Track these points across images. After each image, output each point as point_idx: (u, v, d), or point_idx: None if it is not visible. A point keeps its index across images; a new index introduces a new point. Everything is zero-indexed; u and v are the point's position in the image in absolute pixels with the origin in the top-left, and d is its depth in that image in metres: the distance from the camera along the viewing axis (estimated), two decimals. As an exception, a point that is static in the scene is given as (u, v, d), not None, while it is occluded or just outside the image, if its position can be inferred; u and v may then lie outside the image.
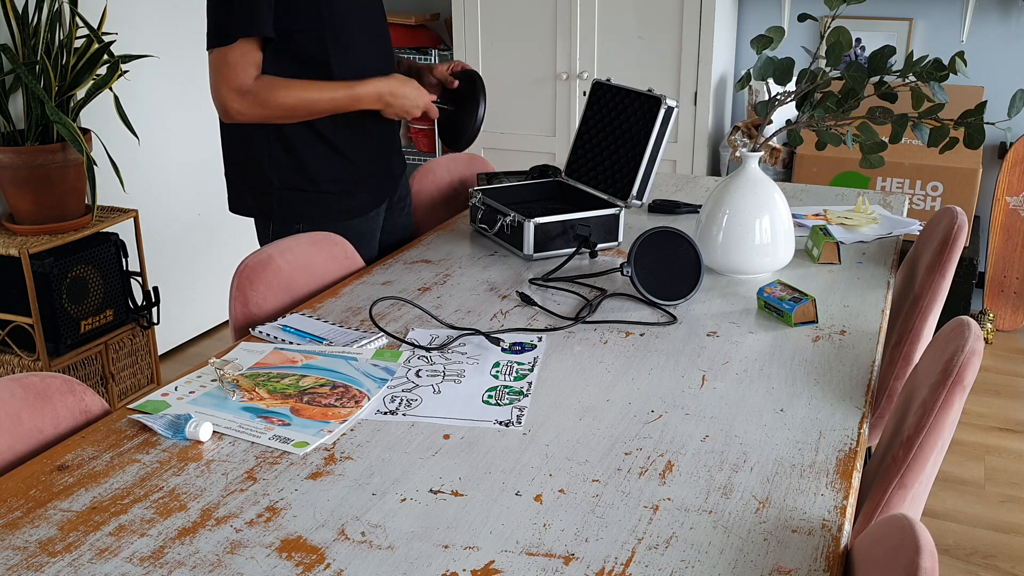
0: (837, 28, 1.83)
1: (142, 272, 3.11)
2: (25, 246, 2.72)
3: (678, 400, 1.44)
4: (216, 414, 1.40)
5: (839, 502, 1.18)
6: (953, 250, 1.83)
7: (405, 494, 1.21)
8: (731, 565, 1.07)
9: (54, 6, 2.76)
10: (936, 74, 1.75)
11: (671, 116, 2.12)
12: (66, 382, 1.41)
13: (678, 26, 3.68)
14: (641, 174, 2.15)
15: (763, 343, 1.64)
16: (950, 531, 2.54)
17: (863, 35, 3.84)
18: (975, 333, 1.34)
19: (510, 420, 1.38)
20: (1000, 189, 3.71)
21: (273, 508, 1.18)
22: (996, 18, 3.68)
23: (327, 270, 1.99)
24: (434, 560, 1.08)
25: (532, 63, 3.93)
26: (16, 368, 2.86)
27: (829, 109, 1.83)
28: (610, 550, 1.09)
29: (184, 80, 3.51)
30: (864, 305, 1.81)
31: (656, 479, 1.23)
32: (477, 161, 2.70)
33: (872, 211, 2.35)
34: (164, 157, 3.47)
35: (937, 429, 1.27)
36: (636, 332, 1.69)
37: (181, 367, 3.52)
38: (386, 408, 1.42)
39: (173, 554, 1.09)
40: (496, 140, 4.09)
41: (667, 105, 2.10)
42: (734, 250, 1.90)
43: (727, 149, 3.76)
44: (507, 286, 1.92)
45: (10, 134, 2.77)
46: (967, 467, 2.84)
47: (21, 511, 1.18)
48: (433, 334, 1.68)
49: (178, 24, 3.45)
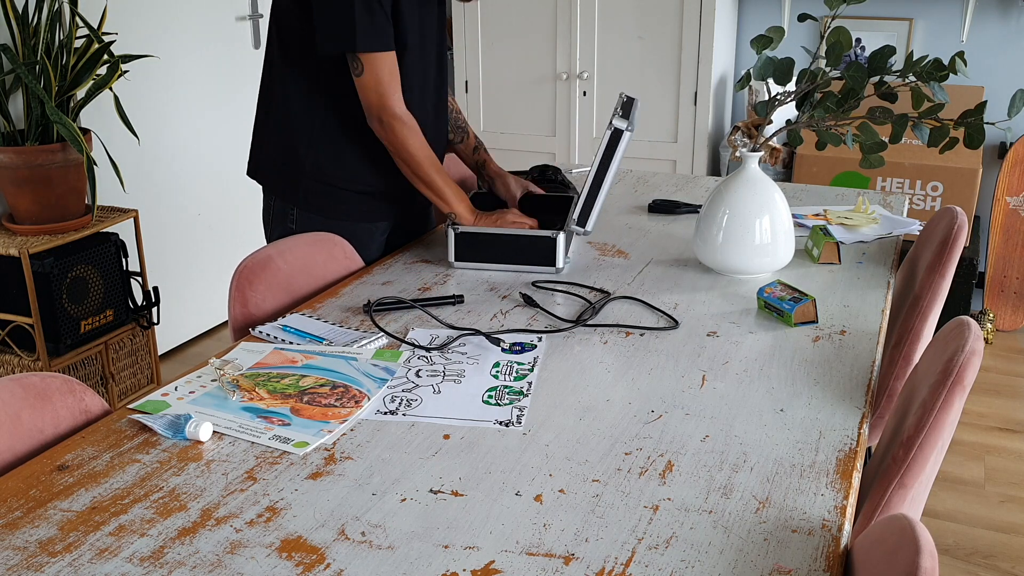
0: (837, 28, 1.83)
1: (142, 272, 3.11)
2: (25, 246, 2.72)
3: (678, 400, 1.44)
4: (216, 414, 1.40)
5: (839, 502, 1.18)
6: (953, 250, 1.82)
7: (405, 494, 1.21)
8: (731, 565, 1.07)
9: (54, 6, 2.76)
10: (936, 74, 1.75)
11: (619, 139, 1.91)
12: (66, 382, 1.41)
13: (678, 26, 3.68)
14: (583, 201, 1.98)
15: (763, 343, 1.64)
16: (950, 531, 2.54)
17: (863, 35, 3.84)
18: (975, 333, 1.34)
19: (510, 420, 1.38)
20: (1000, 189, 3.71)
21: (273, 508, 1.18)
22: (996, 18, 3.68)
23: (327, 270, 1.99)
24: (434, 560, 1.08)
25: (532, 63, 3.93)
26: (16, 368, 2.86)
27: (829, 109, 1.83)
28: (610, 550, 1.09)
29: (184, 80, 3.51)
30: (864, 305, 1.81)
31: (656, 479, 1.23)
32: (477, 161, 2.70)
33: (872, 211, 2.35)
34: (164, 157, 3.47)
35: (937, 429, 1.27)
36: (636, 332, 1.69)
37: (181, 367, 3.52)
38: (386, 408, 1.42)
39: (173, 554, 1.09)
40: (496, 140, 4.09)
41: (613, 126, 1.91)
42: (734, 250, 1.90)
43: (727, 149, 3.76)
44: (507, 286, 1.92)
45: (10, 134, 2.77)
46: (967, 467, 2.84)
47: (21, 511, 1.18)
48: (433, 334, 1.68)
49: (178, 24, 3.45)
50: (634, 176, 2.77)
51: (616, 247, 2.16)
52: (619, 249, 2.15)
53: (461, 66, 4.04)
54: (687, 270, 2.00)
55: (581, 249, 2.14)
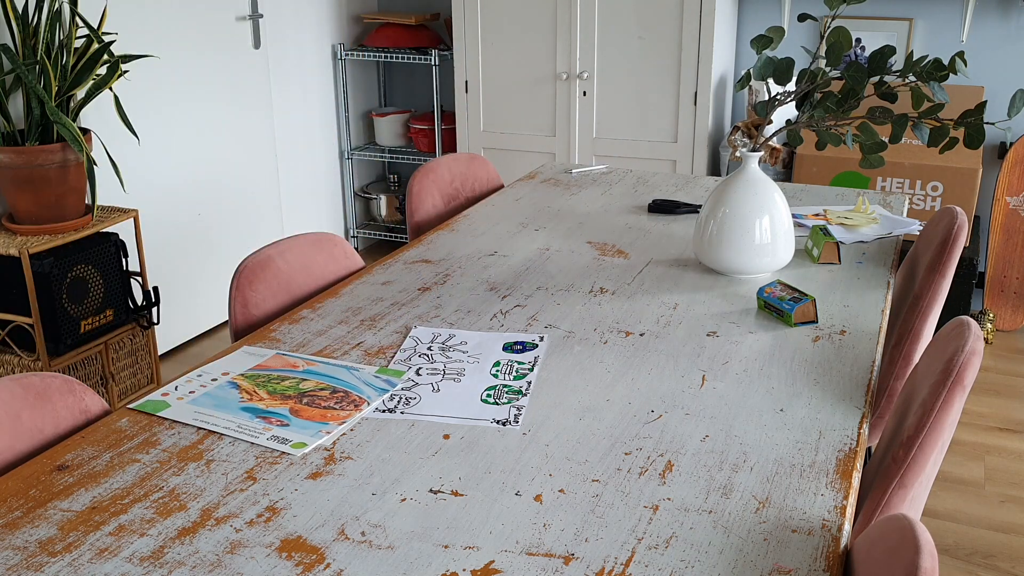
0: (837, 28, 1.83)
1: (142, 272, 3.11)
2: (25, 246, 2.72)
3: (678, 400, 1.44)
4: (215, 414, 1.40)
5: (839, 502, 1.18)
6: (953, 250, 1.82)
7: (405, 494, 1.20)
8: (731, 565, 1.07)
9: (54, 6, 2.76)
10: (936, 74, 1.75)
11: None
12: (66, 382, 1.41)
13: (678, 26, 3.68)
14: None
15: (763, 343, 1.64)
16: (950, 531, 2.54)
17: (863, 35, 3.84)
18: (975, 333, 1.34)
19: (507, 419, 1.38)
20: (1000, 189, 3.71)
21: (273, 508, 1.18)
22: (996, 18, 3.67)
23: (327, 270, 1.99)
24: (434, 560, 1.08)
25: (532, 63, 3.93)
26: (16, 368, 2.86)
27: (829, 109, 1.83)
28: (610, 550, 1.09)
29: (184, 80, 3.51)
30: (864, 305, 1.81)
31: (656, 479, 1.23)
32: (477, 161, 2.71)
33: (872, 211, 2.35)
34: (164, 157, 3.47)
35: (937, 429, 1.27)
36: (636, 332, 1.69)
37: (181, 367, 3.52)
38: (385, 406, 1.42)
39: (173, 554, 1.09)
40: (496, 140, 4.09)
41: None
42: (734, 250, 1.90)
43: (727, 149, 3.76)
44: (507, 286, 1.92)
45: (10, 134, 2.77)
46: (967, 467, 2.84)
47: (21, 511, 1.18)
48: (435, 332, 1.68)
49: (178, 24, 3.45)
50: (634, 176, 2.77)
51: (616, 247, 2.16)
52: (619, 249, 2.15)
53: (461, 66, 4.04)
54: (687, 270, 2.00)
55: (581, 249, 2.14)
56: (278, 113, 4.04)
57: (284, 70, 4.05)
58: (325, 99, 4.33)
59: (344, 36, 4.38)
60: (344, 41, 4.37)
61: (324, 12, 4.24)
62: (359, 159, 4.61)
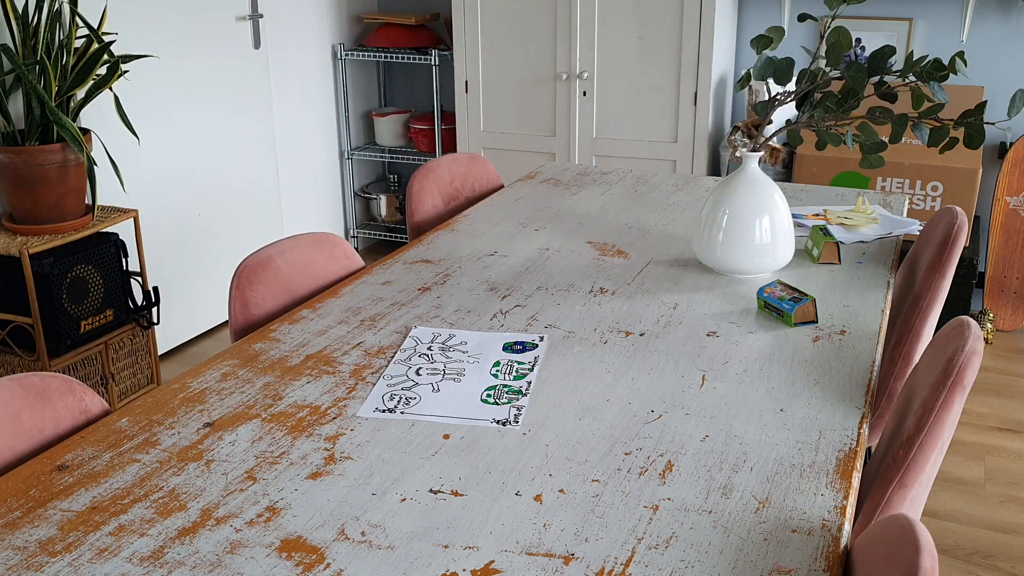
0: (837, 28, 1.83)
1: (142, 272, 3.11)
2: (25, 246, 2.72)
3: (678, 400, 1.44)
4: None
5: (839, 502, 1.18)
6: (953, 250, 1.82)
7: (405, 494, 1.21)
8: (731, 565, 1.07)
9: (54, 6, 2.76)
10: (936, 74, 1.75)
11: None
12: (66, 382, 1.41)
13: (678, 26, 3.68)
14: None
15: (763, 343, 1.64)
16: (950, 531, 2.54)
17: (863, 35, 3.84)
18: (975, 333, 1.34)
19: (507, 419, 1.38)
20: (1000, 189, 3.71)
21: (273, 508, 1.18)
22: (996, 18, 3.68)
23: (327, 270, 1.99)
24: (434, 560, 1.08)
25: (532, 63, 3.93)
26: (16, 368, 2.86)
27: (829, 109, 1.83)
28: (610, 550, 1.09)
29: (184, 80, 3.51)
30: (864, 305, 1.81)
31: (656, 479, 1.23)
32: (477, 161, 2.71)
33: (872, 211, 2.35)
34: (164, 157, 3.47)
35: (937, 429, 1.27)
36: (636, 332, 1.69)
37: (181, 367, 3.52)
38: (384, 406, 1.42)
39: (173, 554, 1.09)
40: (496, 140, 4.09)
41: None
42: (734, 250, 1.90)
43: (727, 149, 3.76)
44: (507, 286, 1.92)
45: (10, 134, 2.77)
46: (967, 467, 2.84)
47: (21, 511, 1.18)
48: (436, 332, 1.68)
49: (178, 24, 3.45)
50: (634, 176, 2.77)
51: (616, 247, 2.16)
52: (619, 249, 2.15)
53: (461, 66, 4.04)
54: (687, 270, 2.00)
55: (581, 249, 2.14)
56: (278, 113, 4.04)
57: (284, 70, 4.05)
58: (325, 99, 4.33)
59: (344, 36, 4.38)
60: (344, 41, 4.38)
61: (324, 12, 4.24)
62: (359, 159, 4.61)
